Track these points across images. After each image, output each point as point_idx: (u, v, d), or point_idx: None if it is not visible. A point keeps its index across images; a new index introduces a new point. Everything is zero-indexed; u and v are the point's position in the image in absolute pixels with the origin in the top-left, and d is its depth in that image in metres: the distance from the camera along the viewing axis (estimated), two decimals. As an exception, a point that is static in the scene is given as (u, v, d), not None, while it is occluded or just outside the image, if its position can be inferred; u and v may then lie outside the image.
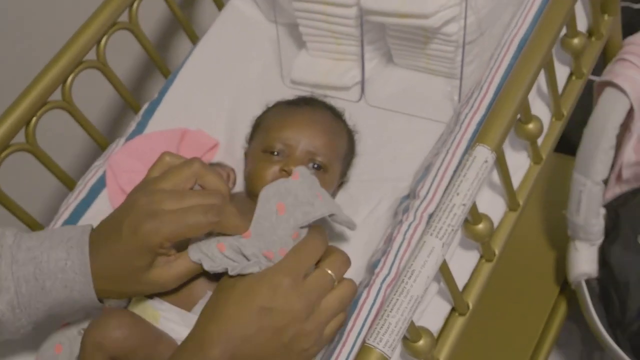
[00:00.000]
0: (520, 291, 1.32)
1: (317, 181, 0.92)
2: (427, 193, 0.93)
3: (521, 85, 0.91)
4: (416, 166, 1.04)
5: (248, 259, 0.84)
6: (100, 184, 1.10)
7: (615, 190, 1.22)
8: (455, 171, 0.92)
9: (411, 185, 1.01)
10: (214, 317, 0.80)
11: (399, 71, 1.14)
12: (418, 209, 0.92)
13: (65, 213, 1.08)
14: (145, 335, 0.85)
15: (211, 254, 0.84)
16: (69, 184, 1.16)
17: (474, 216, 0.89)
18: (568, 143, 1.23)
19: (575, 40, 1.04)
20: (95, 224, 1.07)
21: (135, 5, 1.18)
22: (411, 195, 0.98)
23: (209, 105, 1.18)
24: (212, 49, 1.23)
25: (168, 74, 1.24)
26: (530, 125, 0.97)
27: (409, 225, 0.91)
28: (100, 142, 1.19)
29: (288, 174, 0.96)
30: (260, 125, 1.07)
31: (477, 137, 0.88)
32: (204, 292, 0.88)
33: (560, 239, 1.27)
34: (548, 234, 1.37)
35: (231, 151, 1.14)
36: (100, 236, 0.83)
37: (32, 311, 0.81)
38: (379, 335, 0.77)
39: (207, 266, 0.84)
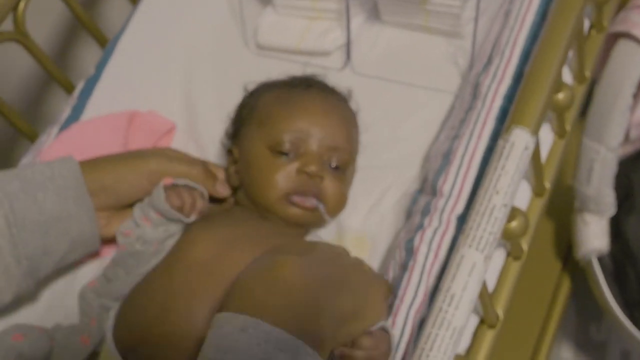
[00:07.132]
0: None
1: None
2: (452, 189, 0.75)
3: (557, 52, 0.75)
4: (423, 148, 0.87)
5: None
6: (32, 186, 0.89)
7: (619, 151, 1.10)
8: (484, 159, 0.76)
9: (424, 175, 0.83)
10: None
11: (388, 31, 0.95)
12: (444, 211, 0.75)
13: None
14: None
15: None
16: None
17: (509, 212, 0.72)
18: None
19: (601, -12, 0.88)
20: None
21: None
22: (426, 189, 0.80)
23: (157, 79, 0.98)
24: (156, 10, 1.02)
25: (104, 42, 1.02)
26: (560, 95, 0.81)
27: (434, 232, 0.74)
28: (26, 132, 0.97)
29: (310, 176, 0.78)
30: (253, 116, 0.84)
31: (512, 118, 0.72)
32: None
33: (560, 210, 1.14)
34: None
35: (192, 134, 0.95)
36: None
37: (29, 237, 0.74)
38: (419, 381, 0.61)
39: None
